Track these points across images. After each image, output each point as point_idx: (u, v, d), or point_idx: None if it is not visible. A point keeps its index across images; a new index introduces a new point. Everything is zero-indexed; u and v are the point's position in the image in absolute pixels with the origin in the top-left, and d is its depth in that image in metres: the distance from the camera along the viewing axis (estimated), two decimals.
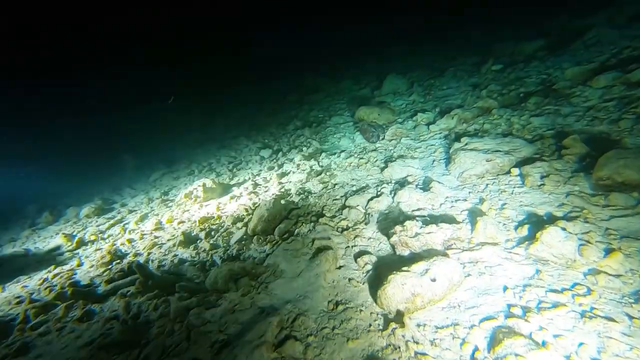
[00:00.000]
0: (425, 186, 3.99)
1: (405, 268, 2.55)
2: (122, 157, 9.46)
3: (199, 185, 5.23)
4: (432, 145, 5.21)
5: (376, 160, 5.20)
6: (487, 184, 3.73)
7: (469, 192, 3.70)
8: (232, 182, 5.91)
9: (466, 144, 4.34)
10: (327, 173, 5.26)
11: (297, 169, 5.72)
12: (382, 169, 4.81)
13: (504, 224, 3.03)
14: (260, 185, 5.52)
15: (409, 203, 3.72)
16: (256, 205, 4.73)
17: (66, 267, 4.49)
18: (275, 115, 9.51)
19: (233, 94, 13.70)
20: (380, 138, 5.72)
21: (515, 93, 5.99)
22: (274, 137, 7.78)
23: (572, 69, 5.84)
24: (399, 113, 6.93)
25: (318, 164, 5.71)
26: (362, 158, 5.42)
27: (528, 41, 8.12)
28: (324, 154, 6.01)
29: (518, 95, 5.92)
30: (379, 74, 10.16)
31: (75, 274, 4.12)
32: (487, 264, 2.61)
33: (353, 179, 4.84)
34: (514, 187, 3.52)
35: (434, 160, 4.69)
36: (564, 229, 2.53)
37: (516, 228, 2.94)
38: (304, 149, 6.46)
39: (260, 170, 6.15)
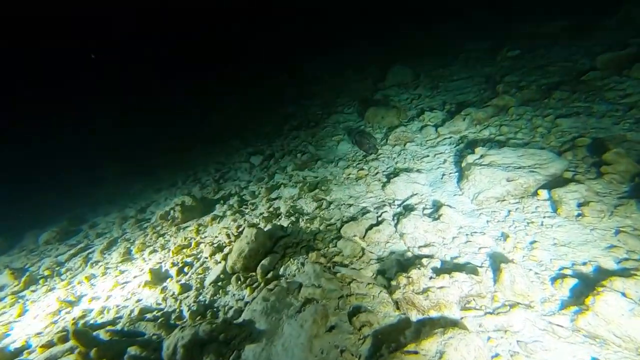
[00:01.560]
0: (434, 212, 3.35)
1: (412, 347, 1.97)
2: (103, 164, 8.75)
3: (177, 204, 4.66)
4: (440, 153, 4.52)
5: (377, 173, 4.55)
6: (509, 211, 3.08)
7: (487, 221, 3.05)
8: (217, 196, 5.33)
9: (481, 157, 3.66)
10: (322, 187, 4.64)
11: (290, 181, 5.10)
12: (384, 185, 4.16)
13: (537, 273, 2.40)
14: (248, 201, 4.93)
15: (414, 236, 3.09)
16: (240, 229, 4.15)
17: (3, 319, 3.72)
18: (271, 112, 8.82)
19: (231, 86, 12.98)
20: (376, 149, 5.05)
21: (536, 86, 5.22)
22: (268, 140, 7.13)
23: (604, 56, 5.04)
24: (405, 111, 6.20)
25: (313, 174, 5.08)
26: (362, 169, 4.77)
27: (548, 21, 7.22)
28: (319, 162, 5.37)
29: (539, 88, 5.16)
30: (383, 62, 9.34)
31: (12, 329, 3.45)
32: (521, 338, 2.00)
33: (351, 197, 4.21)
34: (544, 216, 2.87)
35: (443, 175, 4.02)
36: (624, 295, 1.90)
37: (553, 281, 2.31)
38: (299, 155, 5.82)
39: (249, 181, 5.55)
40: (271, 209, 4.48)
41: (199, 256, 3.80)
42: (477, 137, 4.56)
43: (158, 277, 3.52)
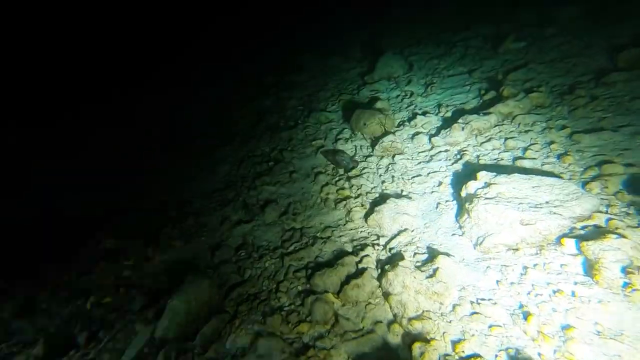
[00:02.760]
0: (428, 262, 2.63)
1: None
2: None
3: None
4: (435, 171, 3.77)
5: (359, 195, 3.79)
6: (525, 267, 2.37)
7: (497, 281, 2.35)
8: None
9: (486, 186, 2.93)
10: (293, 209, 3.87)
11: (257, 200, 4.30)
12: (368, 214, 3.41)
13: None
14: (205, 225, 4.12)
15: (403, 299, 2.38)
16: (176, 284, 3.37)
17: None
18: (247, 106, 7.87)
19: (202, 73, 11.84)
20: (357, 162, 4.28)
21: (545, 87, 4.46)
22: (239, 141, 6.26)
23: (628, 52, 4.30)
24: (393, 112, 5.39)
25: (284, 191, 4.29)
26: (342, 188, 3.99)
27: (558, 6, 6.38)
28: (294, 175, 4.57)
29: (550, 90, 4.40)
30: (372, 47, 8.42)
31: None
32: None
33: (327, 227, 3.46)
34: (576, 282, 2.17)
35: (438, 204, 3.28)
36: None
37: None
38: (271, 164, 4.99)
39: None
40: (227, 233, 3.70)
41: (121, 309, 3.01)
42: (478, 152, 3.82)
43: None
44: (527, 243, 2.51)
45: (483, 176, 3.08)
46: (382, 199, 3.50)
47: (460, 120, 4.21)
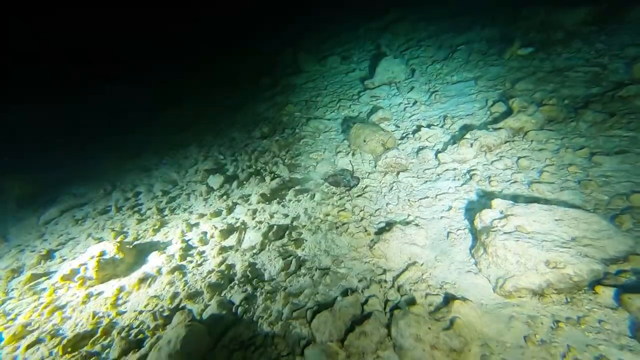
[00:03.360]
0: (443, 308, 2.35)
1: None
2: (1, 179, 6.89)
3: (93, 258, 3.47)
4: (443, 193, 3.50)
5: (362, 218, 3.50)
6: (556, 321, 2.10)
7: (526, 338, 2.08)
8: (156, 238, 4.15)
9: (503, 217, 2.66)
10: (293, 234, 3.57)
11: (253, 219, 3.99)
12: (373, 242, 3.12)
13: None
14: (195, 248, 3.80)
15: (417, 356, 2.09)
16: (175, 304, 3.05)
17: None
18: (241, 109, 7.52)
19: (194, 71, 11.40)
20: (358, 180, 3.99)
21: (557, 99, 4.21)
22: (232, 151, 5.91)
23: None
24: (395, 120, 5.09)
25: (282, 211, 3.98)
26: (343, 209, 3.70)
27: (565, 8, 6.10)
28: (292, 192, 4.26)
29: (562, 103, 4.15)
30: (372, 47, 8.12)
31: None
32: None
33: (329, 255, 3.16)
34: (622, 346, 1.90)
35: (449, 233, 3.01)
36: None
37: None
38: (267, 178, 4.67)
39: (203, 214, 4.38)
40: (222, 267, 3.38)
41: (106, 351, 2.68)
42: (489, 171, 3.55)
43: None
44: (554, 289, 2.24)
45: (498, 204, 2.80)
46: (388, 225, 3.22)
47: (468, 136, 3.93)
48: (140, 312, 3.00)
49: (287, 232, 3.60)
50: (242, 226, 3.87)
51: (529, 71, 5.09)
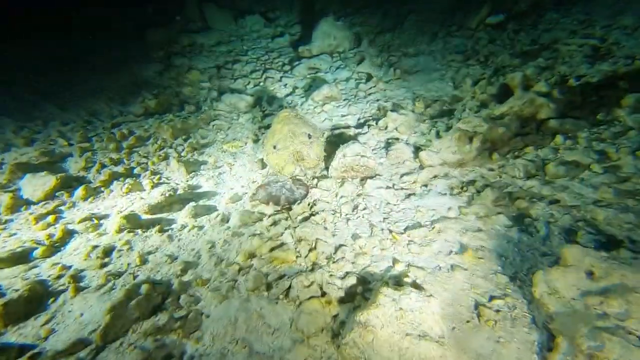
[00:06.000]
0: None
1: None
2: None
3: None
4: (444, 218, 2.17)
5: (313, 264, 1.97)
6: None
7: None
8: None
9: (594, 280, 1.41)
10: (181, 301, 1.84)
11: (100, 267, 2.10)
12: (340, 329, 1.62)
13: None
14: None
15: None
16: None
17: None
18: (114, 71, 5.08)
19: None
20: (296, 198, 2.45)
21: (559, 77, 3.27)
22: (87, 133, 3.70)
23: None
24: (347, 101, 3.63)
25: (167, 244, 2.20)
26: (279, 244, 2.10)
27: None
28: (188, 209, 2.47)
29: (577, 83, 3.20)
30: (303, 6, 6.46)
31: None
32: None
33: (253, 355, 1.55)
34: None
35: (477, 304, 1.67)
36: None
37: None
38: (146, 183, 2.77)
39: None
40: None
41: None
42: (506, 181, 2.35)
43: None
44: None
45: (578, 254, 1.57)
46: (364, 286, 1.75)
47: (460, 125, 2.68)
48: None
49: (168, 299, 1.86)
50: (70, 283, 1.95)
51: (505, 43, 4.11)
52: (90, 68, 4.91)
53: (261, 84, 4.40)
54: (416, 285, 1.75)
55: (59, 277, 1.97)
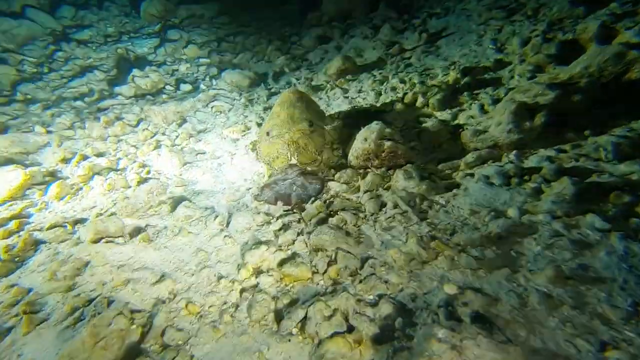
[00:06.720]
0: None
1: None
2: None
3: None
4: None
5: (334, 282, 1.51)
6: None
7: None
8: None
9: None
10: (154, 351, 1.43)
11: None
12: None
13: None
14: None
15: None
16: None
17: None
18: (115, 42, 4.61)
19: None
20: (312, 193, 1.97)
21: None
22: (74, 114, 3.29)
23: None
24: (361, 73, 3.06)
25: (155, 253, 1.78)
26: (291, 257, 1.65)
27: None
28: (182, 207, 2.05)
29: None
30: None
31: None
32: None
33: None
34: None
35: None
36: None
37: None
38: (132, 176, 2.34)
39: None
40: None
41: None
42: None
43: None
44: None
45: None
46: (405, 320, 1.28)
47: (517, 95, 2.11)
48: None
49: (149, 334, 1.45)
50: (25, 313, 1.57)
51: None
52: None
53: (265, 57, 3.85)
54: (476, 319, 1.26)
55: (12, 304, 1.57)
